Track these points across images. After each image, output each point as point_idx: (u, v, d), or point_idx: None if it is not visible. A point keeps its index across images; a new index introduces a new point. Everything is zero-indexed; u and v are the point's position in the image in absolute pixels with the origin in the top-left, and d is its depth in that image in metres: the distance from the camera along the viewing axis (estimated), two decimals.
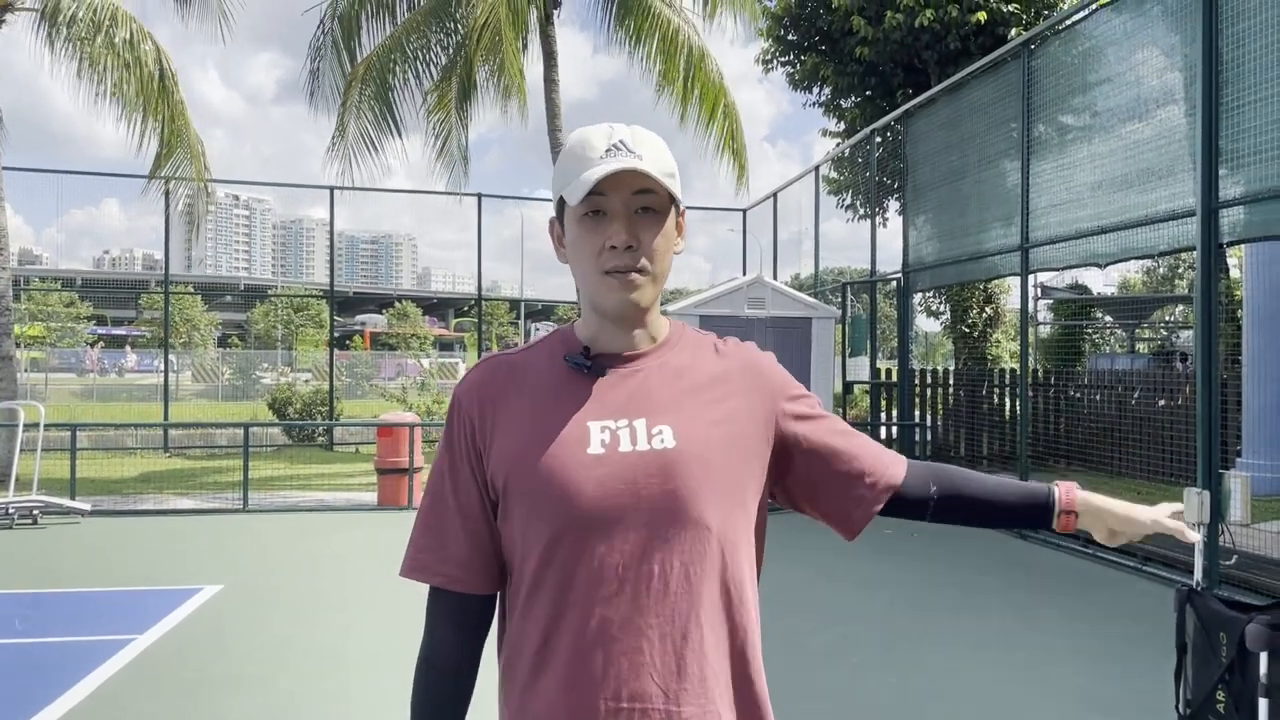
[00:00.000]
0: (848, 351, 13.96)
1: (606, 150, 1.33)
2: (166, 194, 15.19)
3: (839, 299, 14.87)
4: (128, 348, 49.61)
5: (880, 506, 1.48)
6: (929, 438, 13.02)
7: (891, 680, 5.00)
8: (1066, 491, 1.49)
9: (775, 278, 16.37)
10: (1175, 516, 1.49)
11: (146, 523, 9.64)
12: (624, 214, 1.34)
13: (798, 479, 1.48)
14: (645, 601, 1.28)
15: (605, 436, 1.33)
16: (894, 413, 13.52)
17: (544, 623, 1.30)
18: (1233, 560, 6.98)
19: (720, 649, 1.34)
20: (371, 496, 11.02)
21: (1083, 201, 8.60)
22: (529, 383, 1.40)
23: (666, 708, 1.28)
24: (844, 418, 15.30)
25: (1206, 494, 6.10)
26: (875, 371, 13.91)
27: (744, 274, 16.25)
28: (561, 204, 1.39)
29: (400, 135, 13.21)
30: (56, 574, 7.38)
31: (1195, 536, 1.47)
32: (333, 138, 13.13)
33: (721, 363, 1.45)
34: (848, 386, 14.67)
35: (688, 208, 1.46)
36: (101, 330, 49.62)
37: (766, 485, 1.45)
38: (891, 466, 1.49)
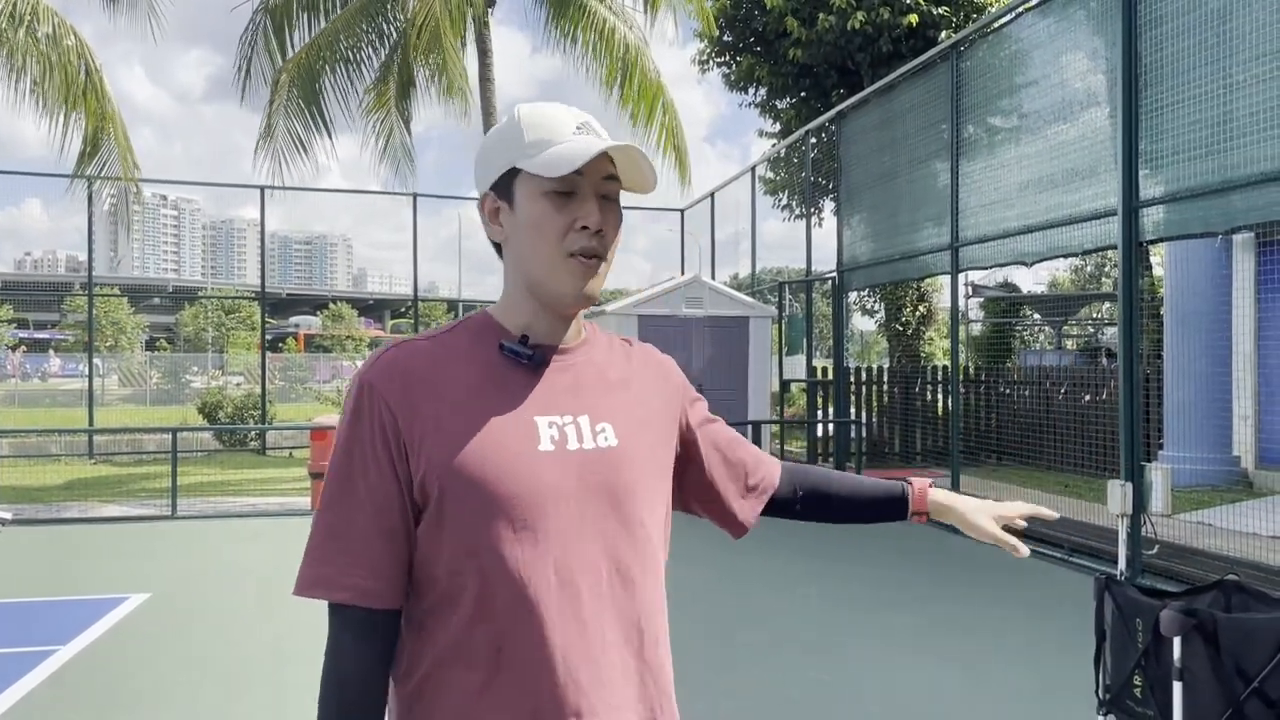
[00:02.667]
0: (785, 350, 14.09)
1: (578, 128, 1.29)
2: (90, 194, 14.79)
3: (776, 298, 15.01)
4: (51, 352, 48.20)
5: (763, 506, 1.56)
6: (864, 434, 13.19)
7: (819, 677, 5.06)
8: (919, 492, 1.58)
9: (713, 277, 16.47)
10: (1019, 525, 1.62)
11: (71, 531, 9.37)
12: (594, 196, 1.28)
13: (695, 480, 1.50)
14: (596, 604, 1.26)
15: (554, 433, 1.28)
16: (830, 410, 13.68)
17: (498, 629, 1.22)
18: (1155, 550, 7.18)
19: (657, 647, 1.33)
20: (305, 501, 10.84)
21: (1010, 201, 8.79)
22: (458, 373, 1.28)
23: (619, 710, 1.27)
24: (781, 415, 15.47)
25: (1130, 486, 6.29)
26: (812, 370, 14.06)
27: (682, 274, 16.31)
28: (509, 177, 1.31)
29: (331, 134, 13.02)
30: None
31: (1024, 551, 1.57)
32: (260, 136, 12.89)
33: (635, 363, 1.44)
34: (785, 385, 14.80)
35: (627, 208, 1.46)
36: (23, 334, 48.15)
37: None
38: (771, 470, 1.57)
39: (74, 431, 16.23)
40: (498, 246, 1.36)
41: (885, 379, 15.04)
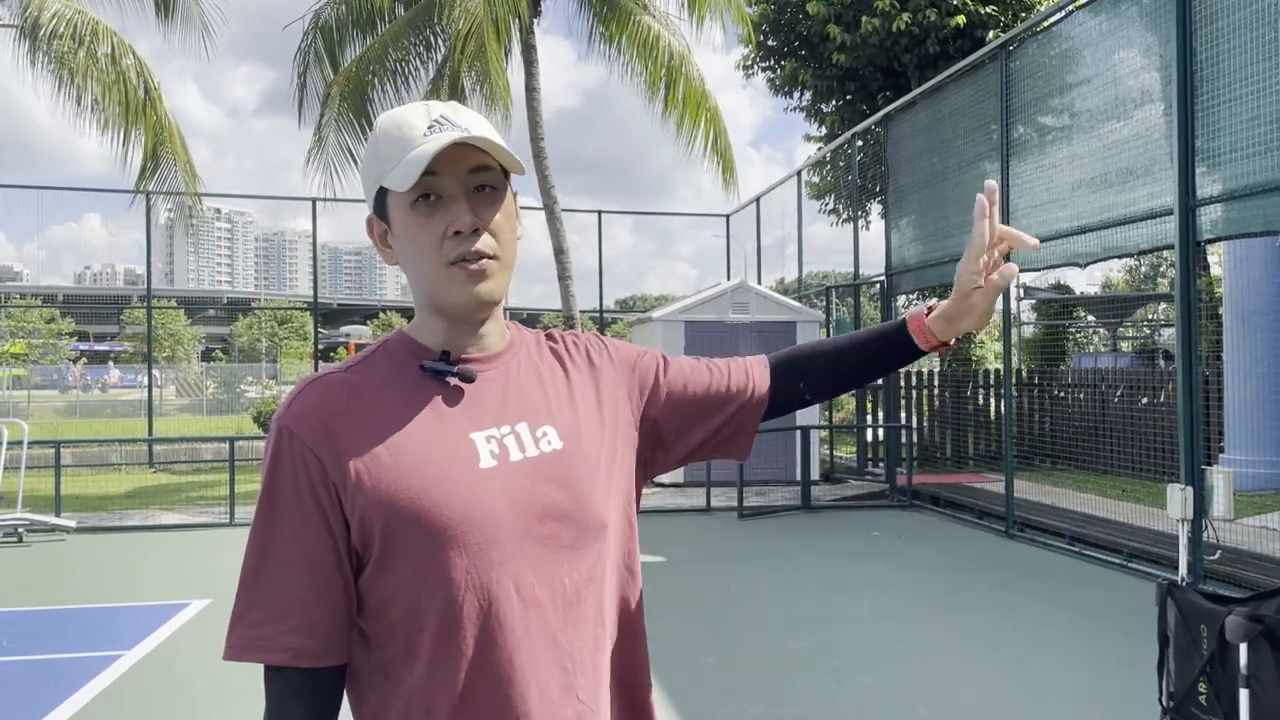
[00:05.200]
0: None
1: (429, 128, 1.19)
2: (148, 208, 15.14)
3: (823, 303, 14.93)
4: (110, 363, 49.34)
5: (759, 420, 1.42)
6: (914, 439, 13.07)
7: (874, 682, 5.02)
8: (916, 324, 1.37)
9: (760, 282, 16.43)
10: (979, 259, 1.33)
11: (133, 538, 9.58)
12: (462, 195, 1.20)
13: (675, 436, 1.40)
14: (561, 617, 1.21)
15: (493, 447, 1.21)
16: (880, 415, 13.57)
17: (465, 668, 1.16)
18: (1216, 555, 7.03)
19: (619, 644, 1.29)
20: None
21: (1063, 202, 8.67)
22: (382, 401, 1.21)
23: (596, 714, 1.24)
24: (830, 420, 15.32)
25: (1190, 490, 6.17)
26: None
27: (728, 279, 16.30)
28: (381, 197, 1.24)
29: None
30: (43, 591, 7.33)
31: (1032, 242, 1.33)
32: (311, 150, 13.11)
33: (567, 355, 1.37)
34: None
35: (673, 214, 1.41)
36: (84, 346, 49.36)
37: (641, 467, 1.38)
38: (758, 381, 1.42)
39: (134, 441, 16.59)
40: None
41: (936, 383, 14.88)
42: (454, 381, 1.24)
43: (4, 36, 12.96)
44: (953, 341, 1.39)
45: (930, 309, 1.38)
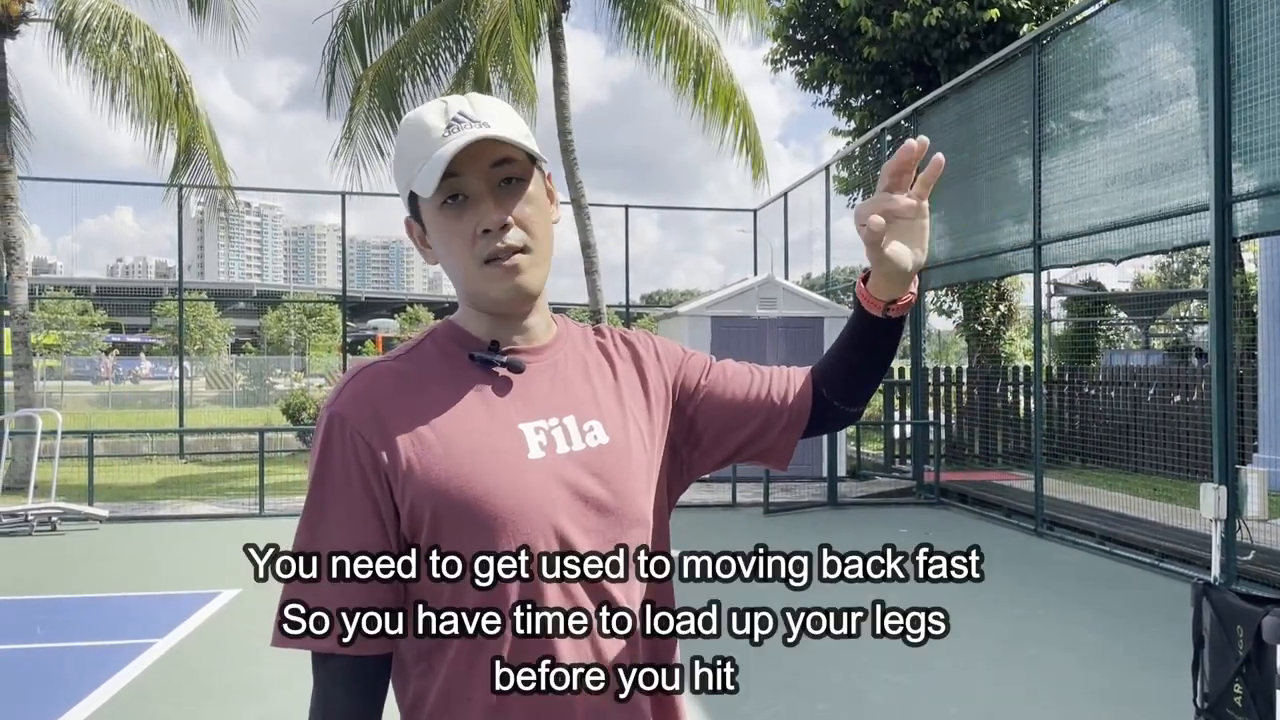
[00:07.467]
0: None
1: (448, 127, 1.18)
2: (180, 202, 15.29)
3: (851, 298, 14.83)
4: (142, 355, 49.88)
5: (801, 429, 1.38)
6: (943, 436, 12.99)
7: (901, 680, 5.00)
8: (860, 290, 1.27)
9: (787, 278, 16.36)
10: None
11: (164, 528, 9.69)
12: (488, 191, 1.20)
13: (714, 438, 1.38)
14: (601, 609, 1.21)
15: (541, 439, 1.22)
16: (908, 411, 13.49)
17: (506, 656, 1.17)
18: (1250, 555, 6.94)
19: (654, 635, 1.29)
20: None
21: (1095, 197, 8.57)
22: (432, 390, 1.22)
23: (628, 715, 1.23)
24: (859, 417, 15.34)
25: (1224, 489, 6.09)
26: (889, 370, 13.87)
27: (755, 274, 16.24)
28: (414, 200, 1.24)
29: None
30: (76, 580, 7.43)
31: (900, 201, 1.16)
32: (339, 143, 13.19)
33: (612, 350, 1.37)
34: None
35: (700, 209, 1.37)
36: (116, 338, 49.90)
37: (681, 467, 1.38)
38: (800, 388, 1.39)
39: (165, 432, 16.76)
40: None
41: (964, 380, 14.78)
42: (502, 372, 1.25)
43: (39, 31, 13.15)
44: (905, 297, 1.25)
45: (867, 272, 1.27)
